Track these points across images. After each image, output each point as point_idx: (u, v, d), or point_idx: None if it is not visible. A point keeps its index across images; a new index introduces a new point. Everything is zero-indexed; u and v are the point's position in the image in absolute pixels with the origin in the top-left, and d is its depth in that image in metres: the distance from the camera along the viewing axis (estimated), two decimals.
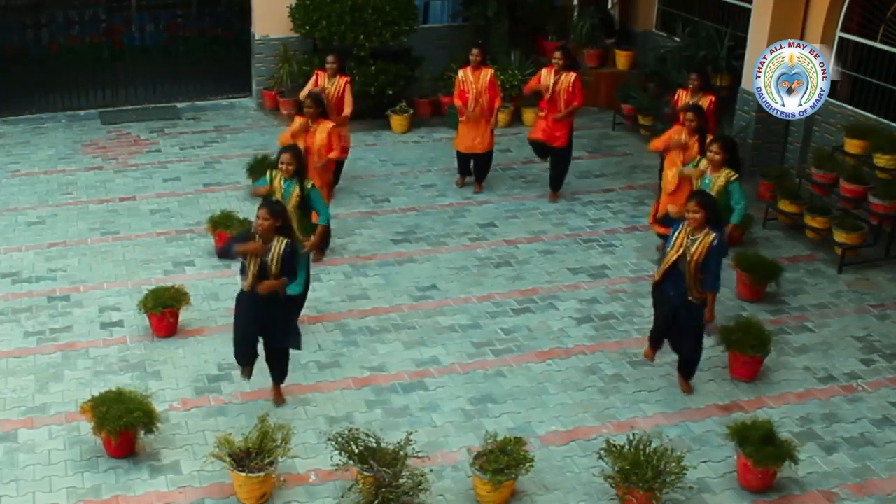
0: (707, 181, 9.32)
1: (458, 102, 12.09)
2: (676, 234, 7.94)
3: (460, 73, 12.12)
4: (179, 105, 15.67)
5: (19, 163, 13.29)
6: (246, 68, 15.81)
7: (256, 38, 15.26)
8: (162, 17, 17.72)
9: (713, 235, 7.79)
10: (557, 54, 11.74)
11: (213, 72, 16.39)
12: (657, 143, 10.52)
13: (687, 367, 8.46)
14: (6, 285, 10.06)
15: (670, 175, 10.10)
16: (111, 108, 15.37)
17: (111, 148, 13.92)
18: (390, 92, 14.46)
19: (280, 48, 15.04)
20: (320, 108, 10.54)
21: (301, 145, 9.79)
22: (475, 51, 11.98)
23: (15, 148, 13.83)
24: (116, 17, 17.50)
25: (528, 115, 15.01)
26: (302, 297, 8.90)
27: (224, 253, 7.76)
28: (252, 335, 7.90)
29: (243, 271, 7.74)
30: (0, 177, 12.82)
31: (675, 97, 11.53)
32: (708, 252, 7.78)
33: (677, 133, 10.24)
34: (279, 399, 8.19)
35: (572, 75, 11.71)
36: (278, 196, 8.77)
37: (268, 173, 9.02)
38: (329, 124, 10.56)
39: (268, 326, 7.85)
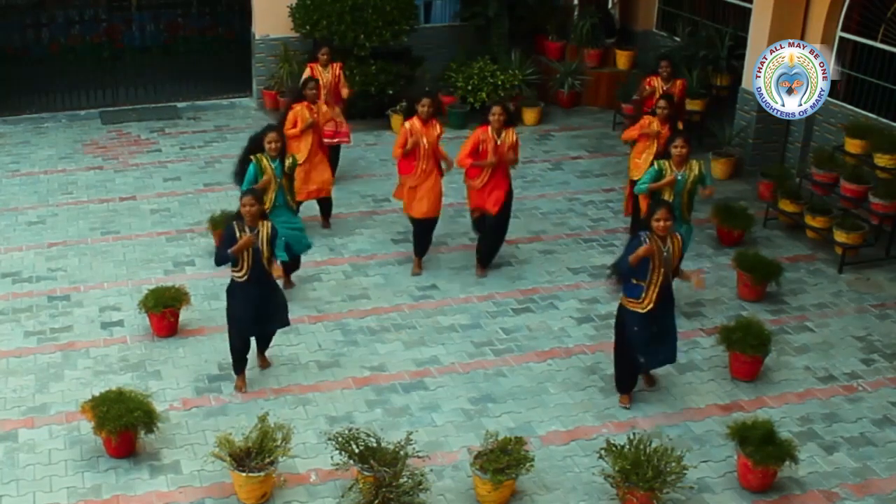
0: (680, 178, 9.20)
1: (398, 153, 10.03)
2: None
3: (407, 124, 9.96)
4: (179, 105, 15.66)
5: (19, 163, 13.29)
6: (246, 68, 15.81)
7: (256, 37, 15.25)
8: (162, 17, 17.76)
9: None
10: (496, 109, 9.80)
11: (213, 72, 16.43)
12: (630, 132, 10.90)
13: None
14: (6, 285, 10.06)
15: (640, 161, 10.57)
16: (111, 108, 15.37)
17: (111, 148, 13.92)
18: (390, 92, 14.46)
19: (280, 48, 15.04)
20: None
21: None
22: (425, 101, 9.96)
23: (15, 148, 13.83)
24: (116, 17, 17.52)
25: (529, 115, 15.03)
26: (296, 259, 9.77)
27: (222, 260, 7.98)
28: (251, 327, 8.21)
29: (235, 263, 7.95)
30: (0, 177, 12.83)
31: (648, 82, 12.16)
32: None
33: (648, 123, 10.64)
34: (265, 364, 8.68)
35: (512, 131, 9.94)
36: (269, 175, 9.27)
37: (253, 158, 9.31)
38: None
39: (267, 312, 8.18)
